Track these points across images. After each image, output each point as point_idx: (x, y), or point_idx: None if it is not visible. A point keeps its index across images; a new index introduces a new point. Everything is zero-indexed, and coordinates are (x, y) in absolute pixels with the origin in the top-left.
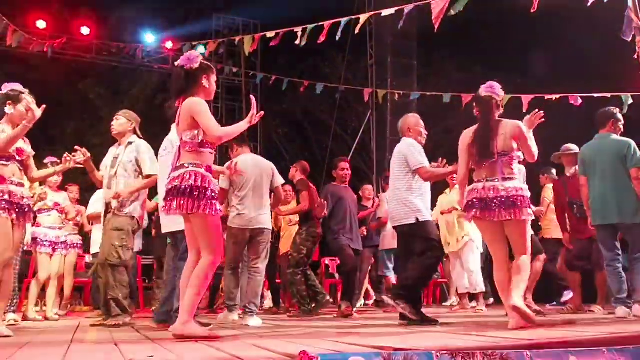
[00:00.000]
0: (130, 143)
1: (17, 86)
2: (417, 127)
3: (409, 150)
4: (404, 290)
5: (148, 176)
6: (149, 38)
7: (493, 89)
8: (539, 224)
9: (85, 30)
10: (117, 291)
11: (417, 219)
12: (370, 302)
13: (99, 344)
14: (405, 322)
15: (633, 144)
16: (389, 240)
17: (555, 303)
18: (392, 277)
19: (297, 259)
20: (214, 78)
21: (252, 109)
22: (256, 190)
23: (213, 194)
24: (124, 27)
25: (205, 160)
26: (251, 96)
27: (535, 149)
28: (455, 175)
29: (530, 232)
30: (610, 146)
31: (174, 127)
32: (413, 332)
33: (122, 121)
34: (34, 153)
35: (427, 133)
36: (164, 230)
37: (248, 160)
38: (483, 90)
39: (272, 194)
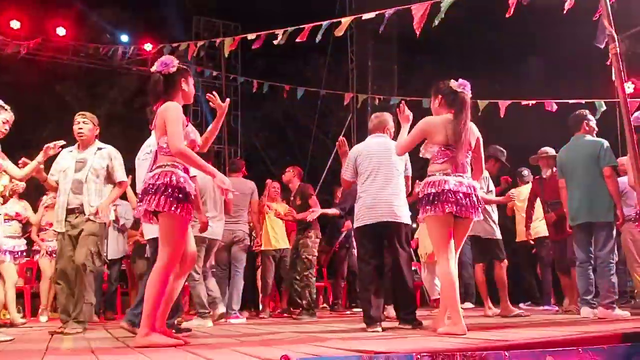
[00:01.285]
0: (100, 148)
1: None
2: (390, 119)
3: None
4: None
5: (120, 183)
6: (127, 40)
7: (466, 88)
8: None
9: (61, 31)
10: (92, 296)
11: (353, 227)
12: None
13: (76, 353)
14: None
15: (606, 143)
16: None
17: (530, 303)
18: None
19: (312, 261)
20: (192, 80)
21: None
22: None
23: (186, 195)
24: (102, 29)
25: (182, 163)
26: (208, 95)
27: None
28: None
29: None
30: (584, 147)
31: (154, 131)
32: (394, 335)
33: (91, 126)
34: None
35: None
36: (146, 237)
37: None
38: (457, 87)
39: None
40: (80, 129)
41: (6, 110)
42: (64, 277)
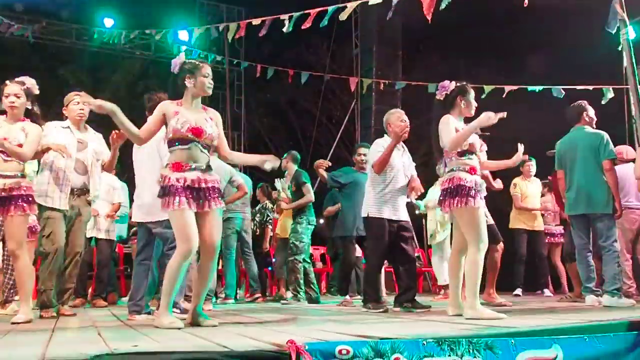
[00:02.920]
0: (95, 133)
1: None
2: (397, 122)
3: (370, 153)
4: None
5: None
6: (131, 24)
7: (442, 89)
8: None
9: (65, 15)
10: (72, 281)
11: (368, 213)
12: None
13: (82, 333)
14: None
15: (606, 136)
16: None
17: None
18: None
19: (300, 247)
20: (201, 74)
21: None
22: None
23: (171, 190)
24: (105, 12)
25: (174, 158)
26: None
27: (445, 140)
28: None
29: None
30: (583, 139)
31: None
32: (400, 320)
33: (88, 109)
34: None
35: (409, 127)
36: (135, 219)
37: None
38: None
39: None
40: (82, 109)
41: (6, 85)
42: (59, 259)
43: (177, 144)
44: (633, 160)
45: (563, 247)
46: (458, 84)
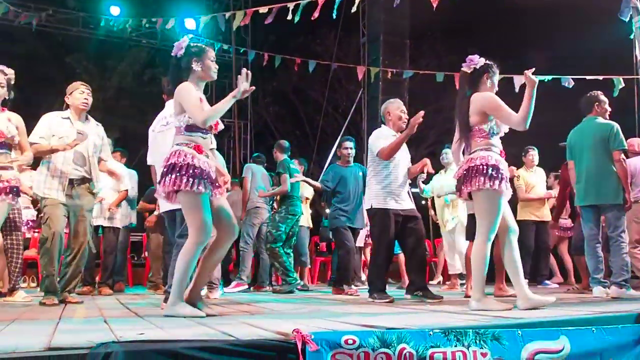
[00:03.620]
0: (97, 125)
1: None
2: (397, 112)
3: (372, 142)
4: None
5: (104, 160)
6: (137, 12)
7: (469, 62)
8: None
9: (71, 3)
10: (78, 270)
11: (372, 205)
12: None
13: (88, 321)
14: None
15: (616, 126)
16: None
17: (546, 282)
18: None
19: (275, 235)
20: (207, 57)
21: (240, 83)
22: None
23: (196, 172)
24: (111, 0)
25: (195, 141)
26: (243, 69)
27: (506, 115)
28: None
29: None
30: (594, 129)
31: (170, 102)
32: (407, 311)
33: (91, 99)
34: (16, 132)
35: (407, 117)
36: (161, 209)
37: None
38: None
39: None
40: (86, 99)
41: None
42: (59, 244)
43: (197, 130)
44: None
45: (570, 239)
46: (487, 61)
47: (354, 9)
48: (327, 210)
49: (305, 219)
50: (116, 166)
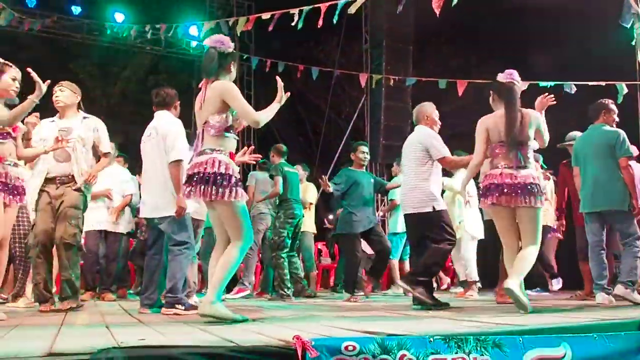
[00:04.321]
0: (85, 118)
1: None
2: (433, 116)
3: (430, 142)
4: (421, 275)
5: (105, 154)
6: (142, 19)
7: (513, 77)
8: None
9: (75, 9)
10: (71, 271)
11: (434, 207)
12: None
13: (90, 326)
14: (419, 306)
15: (622, 134)
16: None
17: (538, 289)
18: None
19: (278, 242)
20: (236, 65)
21: (279, 91)
22: None
23: (236, 180)
24: (115, 7)
25: (228, 145)
26: (277, 78)
27: (547, 136)
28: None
29: (542, 221)
30: (600, 136)
31: (159, 114)
32: (407, 317)
33: (67, 93)
34: (26, 129)
35: (440, 123)
36: (143, 215)
37: None
38: (503, 78)
39: None
40: (57, 96)
41: (11, 67)
42: (44, 252)
43: (229, 132)
44: None
45: (560, 242)
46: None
47: (353, 10)
48: (330, 217)
49: (310, 225)
50: (119, 171)
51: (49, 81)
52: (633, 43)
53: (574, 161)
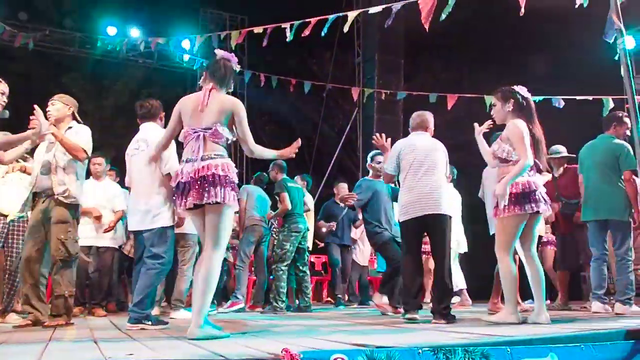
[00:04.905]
0: (69, 127)
1: None
2: (432, 128)
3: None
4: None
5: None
6: (134, 33)
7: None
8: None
9: (67, 23)
10: (64, 288)
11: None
12: None
13: (78, 341)
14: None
15: (628, 147)
16: None
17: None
18: None
19: (280, 254)
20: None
21: (291, 148)
22: None
23: (235, 185)
24: (108, 21)
25: (226, 154)
26: (298, 140)
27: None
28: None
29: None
30: (606, 147)
31: (145, 125)
32: (397, 329)
33: (59, 106)
34: None
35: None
36: (130, 228)
37: None
38: (527, 94)
39: None
40: (48, 110)
41: (0, 82)
42: (28, 267)
43: (227, 143)
44: None
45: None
46: None
47: (346, 28)
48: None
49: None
50: (109, 186)
51: (52, 121)
52: (616, 58)
53: (579, 168)
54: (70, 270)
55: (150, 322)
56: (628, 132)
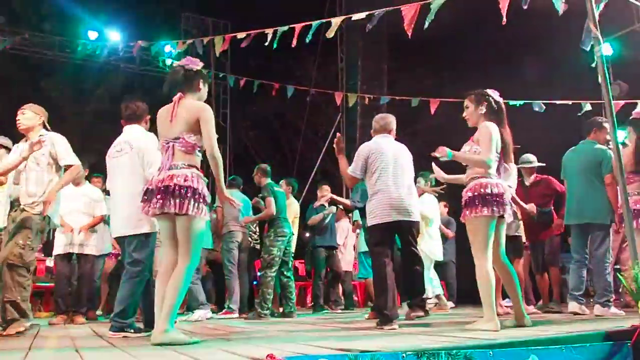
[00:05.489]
0: (41, 136)
1: None
2: (394, 131)
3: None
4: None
5: (68, 166)
6: (115, 37)
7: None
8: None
9: (47, 26)
10: (16, 294)
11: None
12: None
13: (59, 350)
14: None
15: (610, 152)
16: None
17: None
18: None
19: (268, 260)
20: (207, 86)
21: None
22: None
23: (204, 196)
24: (88, 25)
25: (197, 162)
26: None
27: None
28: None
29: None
30: (588, 153)
31: (129, 128)
32: (381, 333)
33: (29, 115)
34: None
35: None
36: (114, 234)
37: None
38: (499, 97)
39: None
40: (18, 119)
41: None
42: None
43: (199, 151)
44: None
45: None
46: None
47: (330, 35)
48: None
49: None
50: (90, 191)
51: (44, 141)
52: (593, 65)
53: (562, 174)
54: (21, 276)
55: (132, 330)
56: (608, 137)
